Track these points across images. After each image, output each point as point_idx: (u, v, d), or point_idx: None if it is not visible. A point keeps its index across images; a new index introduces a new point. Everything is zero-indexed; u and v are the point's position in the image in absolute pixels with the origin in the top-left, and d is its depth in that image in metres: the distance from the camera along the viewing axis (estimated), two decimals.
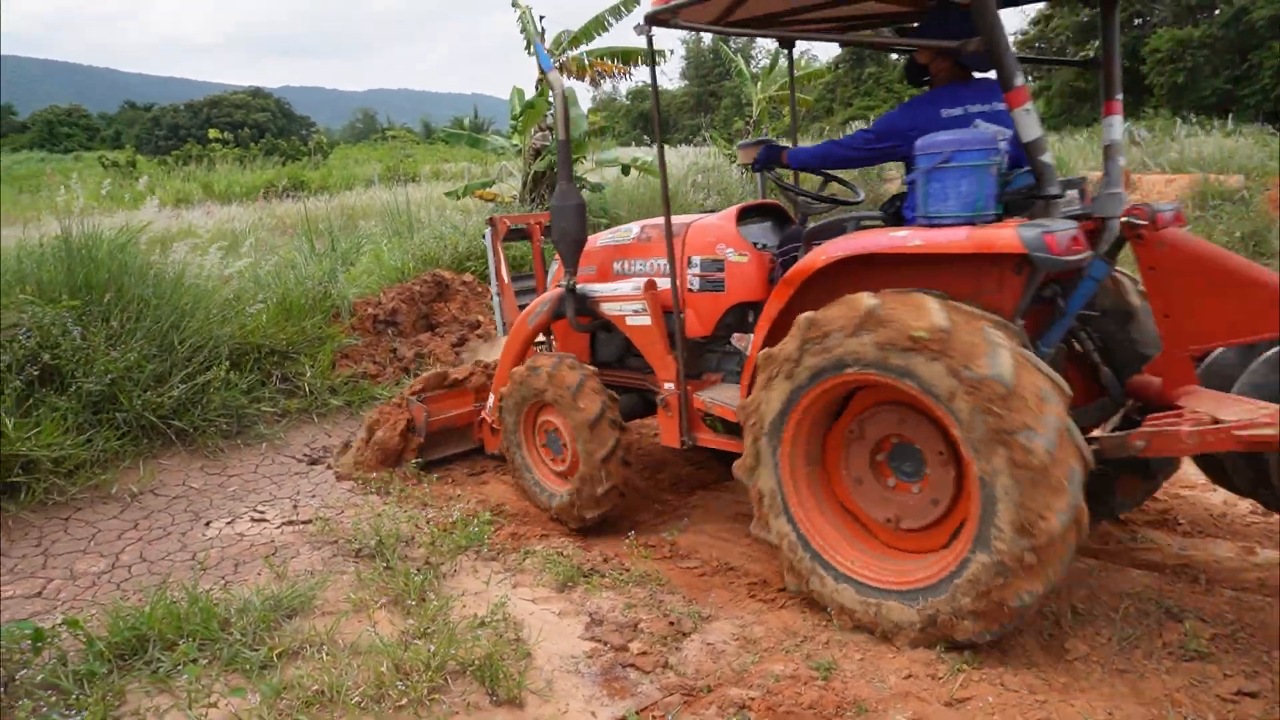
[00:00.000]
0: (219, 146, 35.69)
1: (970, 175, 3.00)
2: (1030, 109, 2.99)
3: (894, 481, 3.32)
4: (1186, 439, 2.84)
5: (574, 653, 3.22)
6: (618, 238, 4.62)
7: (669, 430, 4.19)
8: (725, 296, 4.04)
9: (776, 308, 3.46)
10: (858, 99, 42.67)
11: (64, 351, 5.08)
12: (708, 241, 4.12)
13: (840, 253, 3.20)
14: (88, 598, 3.78)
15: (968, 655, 3.08)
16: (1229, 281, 2.96)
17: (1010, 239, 2.83)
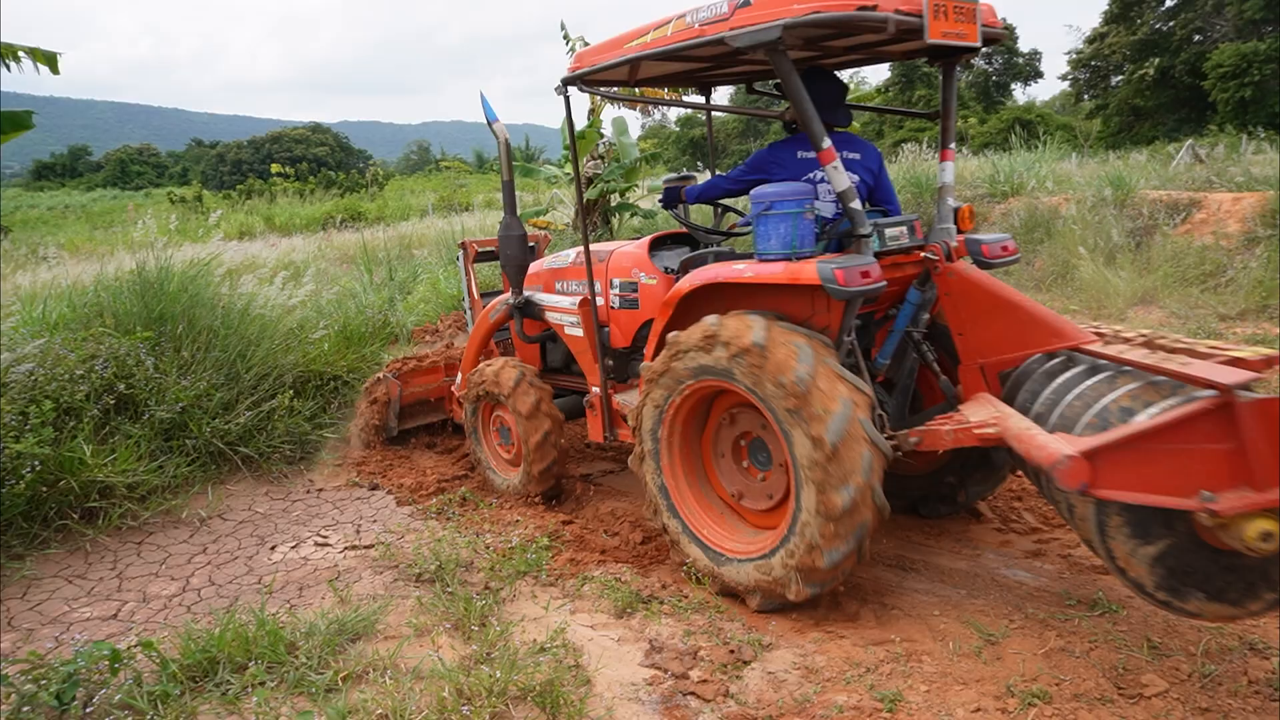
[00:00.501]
0: (280, 180, 36.84)
1: (787, 220, 3.58)
2: (837, 166, 3.51)
3: (747, 464, 3.96)
4: (945, 436, 3.43)
5: (634, 680, 3.21)
6: (557, 262, 5.25)
7: (594, 427, 4.84)
8: (640, 313, 4.63)
9: (661, 324, 4.09)
10: (908, 121, 42.35)
11: (138, 381, 5.28)
12: (625, 266, 4.73)
13: (699, 281, 3.82)
14: (160, 620, 3.88)
15: (1038, 688, 2.99)
16: (999, 307, 3.60)
17: (810, 273, 3.39)
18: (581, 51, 4.27)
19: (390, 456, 5.98)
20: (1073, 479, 2.61)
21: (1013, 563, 4.11)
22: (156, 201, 40.77)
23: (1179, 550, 2.74)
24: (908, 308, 3.90)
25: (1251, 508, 2.52)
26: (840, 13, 3.20)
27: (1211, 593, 2.75)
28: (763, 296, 3.70)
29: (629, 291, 4.70)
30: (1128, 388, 2.90)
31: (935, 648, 3.36)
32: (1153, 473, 2.62)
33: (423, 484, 5.42)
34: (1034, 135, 20.77)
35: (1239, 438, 2.53)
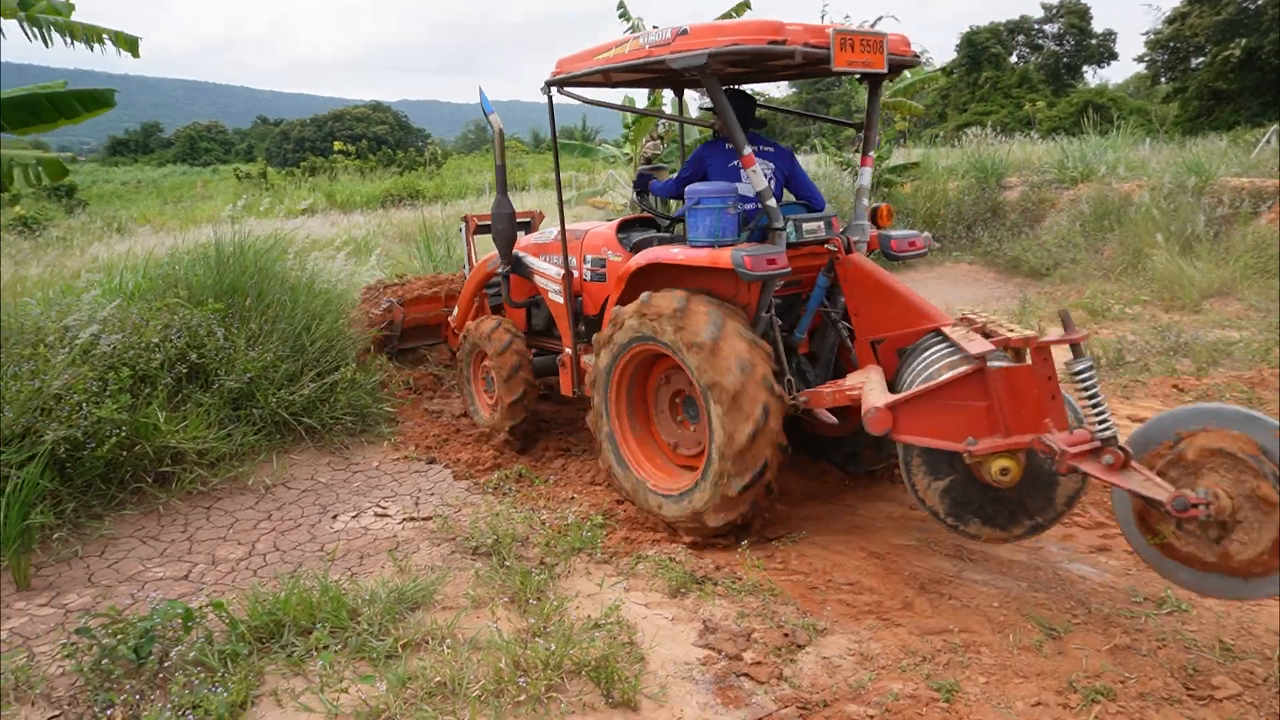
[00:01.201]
0: (341, 158, 37.45)
1: (711, 214, 4.23)
2: (756, 170, 4.14)
3: (681, 418, 4.63)
4: (826, 396, 4.13)
5: (687, 659, 3.22)
6: (542, 238, 5.86)
7: (565, 382, 5.46)
8: (607, 286, 5.13)
9: (615, 295, 4.75)
10: (973, 104, 41.27)
11: (209, 351, 5.43)
12: (597, 245, 5.29)
13: (641, 262, 4.52)
14: (228, 582, 4.02)
15: (1102, 685, 2.93)
16: (883, 294, 4.19)
17: (725, 258, 4.02)
18: (562, 59, 4.89)
19: (446, 431, 6.08)
20: (878, 425, 3.50)
21: (1076, 557, 4.02)
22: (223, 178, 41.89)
23: (961, 485, 3.51)
24: (817, 291, 4.47)
25: (996, 449, 3.26)
26: (755, 45, 3.85)
27: (985, 519, 3.52)
28: (697, 277, 4.31)
29: (599, 267, 5.25)
30: (947, 359, 3.60)
31: (994, 639, 3.31)
32: (936, 422, 3.41)
33: (479, 459, 5.49)
34: (1106, 119, 20.09)
35: (990, 396, 3.27)
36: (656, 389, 4.72)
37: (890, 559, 4.06)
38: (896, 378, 4.06)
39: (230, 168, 46.41)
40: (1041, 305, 9.55)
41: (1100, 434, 3.13)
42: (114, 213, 23.27)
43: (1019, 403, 3.24)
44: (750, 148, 4.18)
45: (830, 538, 4.32)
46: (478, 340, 5.85)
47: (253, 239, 6.46)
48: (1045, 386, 3.22)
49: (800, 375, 4.55)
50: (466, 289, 6.50)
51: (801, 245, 4.32)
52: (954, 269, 12.67)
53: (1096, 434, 3.14)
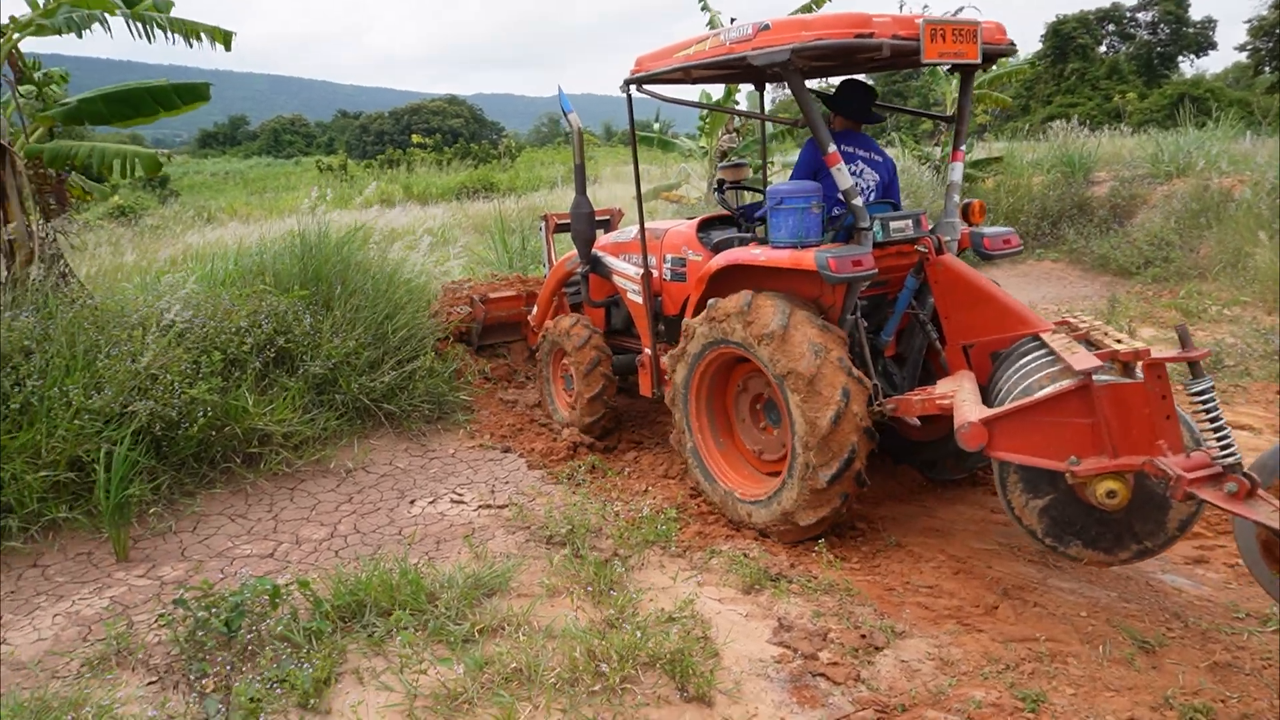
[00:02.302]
0: (419, 151, 38.20)
1: (794, 214, 4.12)
2: (840, 168, 4.00)
3: (764, 424, 4.56)
4: (915, 404, 3.97)
5: (762, 656, 3.19)
6: (622, 237, 5.74)
7: (644, 383, 5.38)
8: (687, 286, 5.06)
9: (695, 297, 4.69)
10: (1059, 96, 39.84)
11: (296, 337, 5.60)
12: (677, 243, 5.24)
13: (721, 263, 4.46)
14: (311, 561, 4.14)
15: (1201, 704, 2.80)
16: (977, 297, 4.04)
17: (808, 260, 3.90)
18: (641, 57, 4.81)
19: (521, 420, 6.15)
20: (972, 441, 3.32)
21: (1170, 568, 3.85)
22: (305, 169, 43.14)
23: (1061, 504, 3.31)
24: (905, 292, 4.34)
25: (1102, 470, 3.07)
26: (842, 40, 3.73)
27: (1087, 541, 3.31)
28: (779, 279, 4.21)
29: (679, 266, 5.20)
30: (1047, 370, 3.42)
31: (1083, 650, 3.19)
32: (1035, 440, 3.23)
33: (553, 449, 5.54)
34: (1203, 111, 19.15)
35: (1096, 414, 3.07)
36: (736, 397, 4.65)
37: (971, 563, 3.95)
38: (990, 384, 3.91)
39: (312, 159, 47.76)
40: (1131, 305, 9.16)
41: (1222, 459, 2.93)
42: (204, 202, 24.23)
43: (1129, 422, 3.04)
44: (840, 147, 4.05)
45: (908, 539, 4.23)
46: (557, 338, 5.87)
47: (334, 229, 6.64)
48: (1159, 405, 3.00)
49: (886, 378, 4.41)
50: (545, 288, 6.51)
51: (889, 245, 4.16)
52: (1037, 266, 12.26)
53: (1217, 459, 2.93)
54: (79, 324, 5.07)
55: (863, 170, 4.52)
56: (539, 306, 6.61)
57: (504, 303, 7.01)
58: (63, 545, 4.26)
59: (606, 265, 5.73)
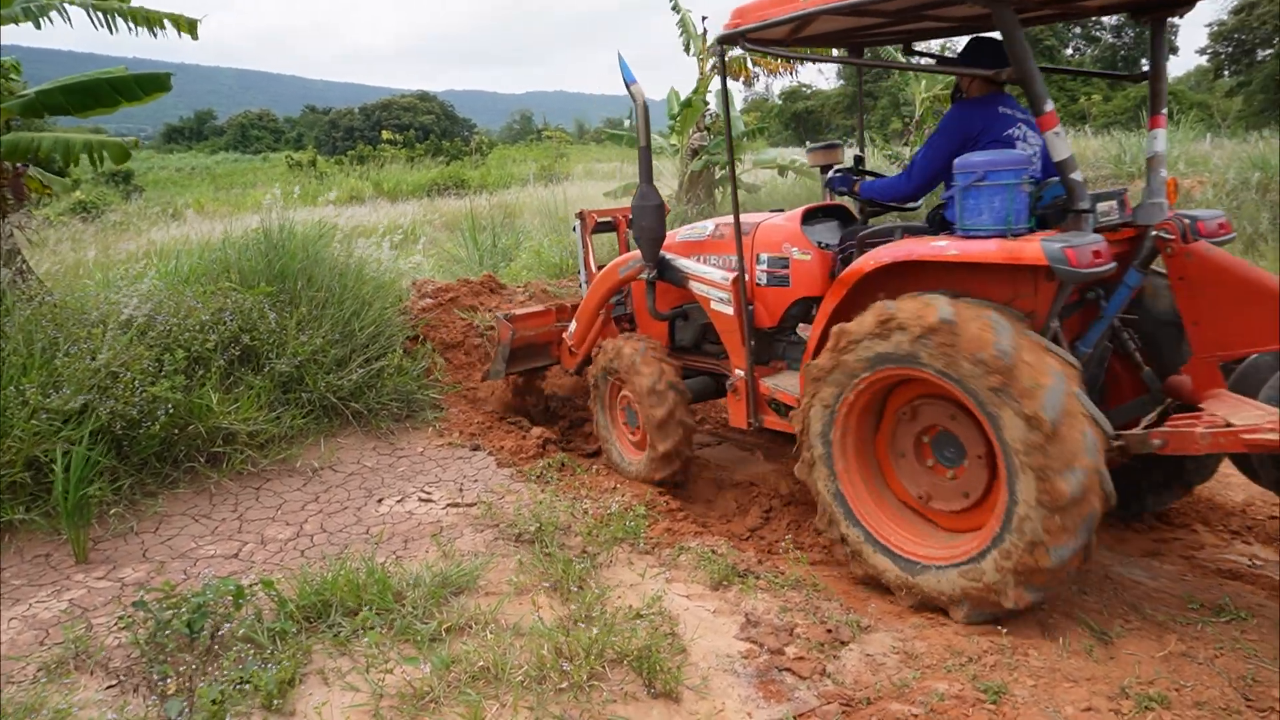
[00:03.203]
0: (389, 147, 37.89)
1: (1003, 193, 3.27)
2: (1059, 131, 3.21)
3: (932, 462, 3.63)
4: (1200, 440, 3.08)
5: (729, 652, 3.21)
6: (694, 234, 5.00)
7: (737, 412, 4.58)
8: (790, 291, 4.39)
9: (832, 304, 3.81)
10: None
11: (261, 334, 5.54)
12: (774, 240, 4.47)
13: (886, 258, 3.53)
14: (277, 561, 4.09)
15: (1155, 692, 2.86)
16: (1249, 294, 3.19)
17: (1035, 252, 3.10)
18: (742, 6, 3.94)
19: (490, 419, 6.12)
20: None
21: (1128, 561, 3.93)
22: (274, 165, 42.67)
23: None
24: (1124, 291, 3.50)
25: None
26: None
27: None
28: (954, 277, 3.40)
29: (778, 268, 4.42)
30: None
31: (1043, 642, 3.24)
32: None
33: (523, 447, 5.52)
34: None
35: None
36: (894, 426, 3.74)
37: None
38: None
39: (281, 155, 47.26)
40: None
41: None
42: (169, 198, 23.86)
43: None
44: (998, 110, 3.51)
45: None
46: (617, 367, 4.97)
47: (300, 225, 6.56)
48: None
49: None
50: (589, 300, 5.58)
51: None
52: None
53: None
54: (36, 321, 4.98)
55: (1025, 135, 3.74)
56: (579, 322, 5.69)
57: (534, 320, 5.96)
58: (19, 548, 4.18)
59: (679, 270, 4.81)
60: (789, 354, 4.61)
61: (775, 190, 11.88)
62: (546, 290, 7.72)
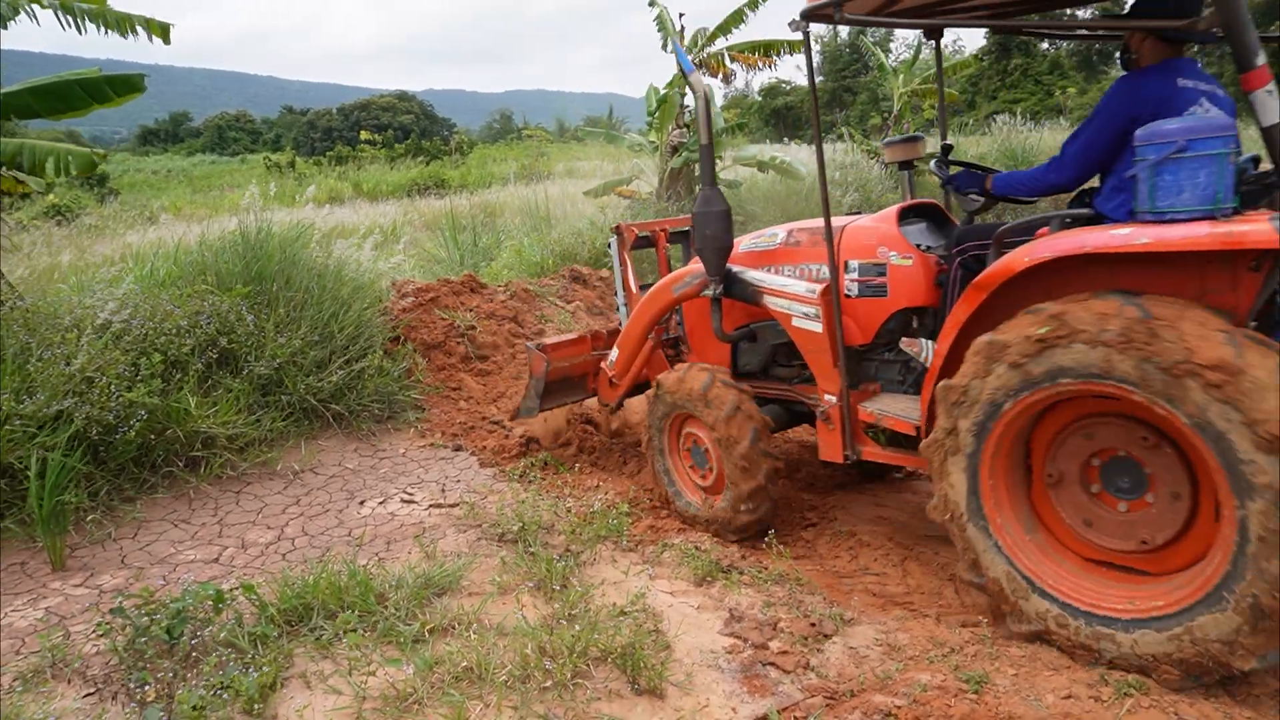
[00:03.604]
0: (368, 148, 37.67)
1: (1208, 165, 2.74)
2: (1272, 90, 2.70)
3: (1097, 489, 3.12)
4: None
5: (713, 648, 3.21)
6: (761, 243, 4.44)
7: (830, 444, 4.01)
8: (887, 302, 3.88)
9: (965, 313, 3.25)
10: (1002, 91, 40.74)
11: (239, 337, 5.49)
12: (867, 244, 3.95)
13: (1049, 253, 2.98)
14: (258, 565, 4.06)
15: (1134, 679, 2.88)
16: None
17: (1266, 234, 2.57)
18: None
19: (472, 419, 6.10)
20: None
21: None
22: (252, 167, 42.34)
23: None
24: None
25: None
26: None
27: None
28: (1123, 273, 2.94)
29: (873, 275, 3.91)
30: None
31: None
32: None
33: (505, 447, 5.51)
34: None
35: None
36: (1051, 451, 3.21)
37: (918, 550, 4.02)
38: None
39: (259, 157, 46.89)
40: None
41: None
42: (145, 201, 23.61)
43: None
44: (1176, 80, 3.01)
45: (858, 528, 4.30)
46: (683, 401, 4.31)
47: (277, 227, 6.51)
48: None
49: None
50: (634, 324, 4.91)
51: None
52: None
53: None
54: (8, 326, 4.91)
55: (1209, 110, 3.18)
56: (622, 350, 5.05)
57: (568, 349, 5.29)
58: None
59: (750, 283, 4.22)
60: (882, 374, 4.12)
61: (755, 187, 11.91)
62: (528, 289, 7.71)
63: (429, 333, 6.69)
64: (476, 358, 6.81)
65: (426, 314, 6.85)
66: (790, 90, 51.34)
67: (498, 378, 6.56)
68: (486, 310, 7.16)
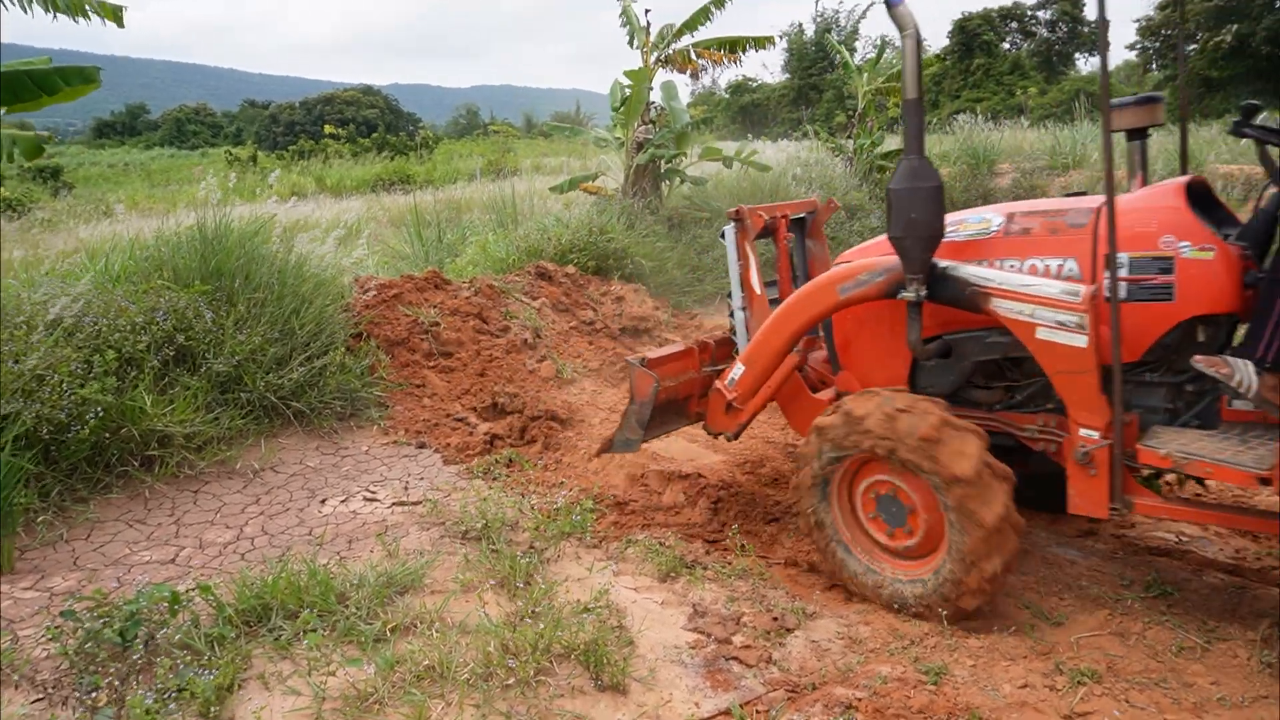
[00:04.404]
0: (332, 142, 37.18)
1: None
2: None
3: None
4: None
5: (677, 643, 3.22)
6: (969, 231, 3.56)
7: (1086, 493, 3.15)
8: (1174, 308, 3.11)
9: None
10: (965, 91, 41.29)
11: (196, 334, 5.38)
12: (1144, 232, 3.15)
13: None
14: (216, 566, 3.99)
15: (1087, 668, 2.94)
16: None
17: None
18: None
19: (436, 415, 6.05)
20: None
21: (1064, 541, 4.04)
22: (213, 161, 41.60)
23: None
24: None
25: None
26: None
27: None
28: None
29: (1153, 273, 3.14)
30: None
31: (981, 623, 3.32)
32: None
33: (469, 444, 5.47)
34: (1098, 106, 20.11)
35: None
36: None
37: None
38: None
39: (220, 151, 46.09)
40: None
41: None
42: (101, 195, 23.09)
43: None
44: None
45: None
46: (892, 442, 3.27)
47: (238, 221, 6.40)
48: None
49: None
50: (773, 334, 3.93)
51: None
52: None
53: None
54: None
55: None
56: (751, 366, 4.04)
57: (674, 364, 4.36)
58: None
59: (968, 283, 3.31)
60: (1142, 400, 3.33)
61: (721, 184, 11.94)
62: (493, 286, 7.65)
63: (392, 329, 6.62)
64: (440, 354, 6.75)
65: (390, 310, 6.78)
66: (757, 88, 51.56)
67: (462, 374, 6.51)
68: (451, 307, 7.10)
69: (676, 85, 12.08)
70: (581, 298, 8.09)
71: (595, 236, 8.79)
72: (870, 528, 3.57)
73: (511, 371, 6.59)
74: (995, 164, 14.63)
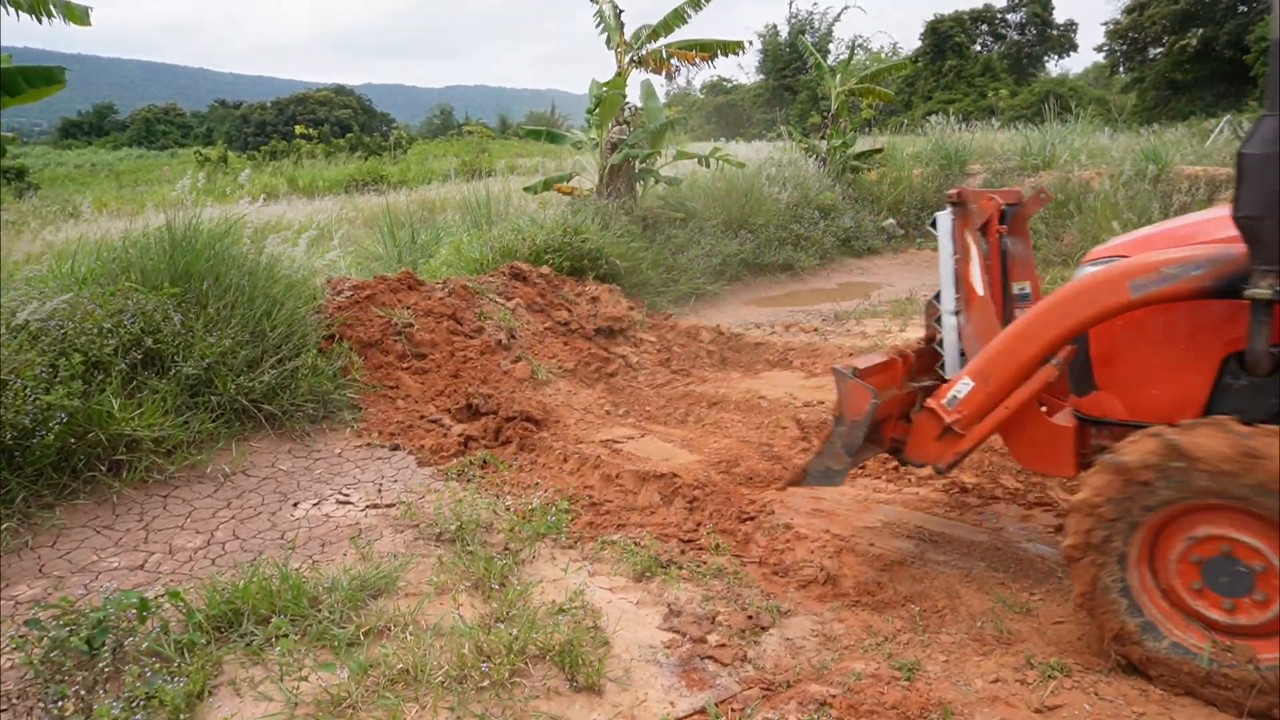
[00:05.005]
0: (304, 142, 36.83)
1: None
2: None
3: None
4: None
5: (652, 643, 3.23)
6: None
7: None
8: None
9: None
10: (938, 92, 41.68)
11: (165, 337, 5.31)
12: None
13: None
14: (186, 571, 3.94)
15: (1056, 661, 2.98)
16: None
17: None
18: None
19: (410, 417, 6.01)
20: None
21: (1035, 537, 4.09)
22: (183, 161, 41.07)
23: None
24: None
25: None
26: None
27: None
28: None
29: None
30: None
31: (954, 619, 3.36)
32: None
33: (443, 445, 5.44)
34: (1066, 108, 20.40)
35: None
36: None
37: (854, 541, 4.09)
38: None
39: (190, 151, 45.49)
40: None
41: None
42: (68, 196, 22.70)
43: None
44: None
45: (795, 520, 4.35)
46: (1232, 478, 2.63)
47: (207, 222, 6.32)
48: None
49: None
50: (1021, 341, 3.26)
51: None
52: (918, 255, 12.81)
53: None
54: None
55: None
56: (989, 381, 3.36)
57: (880, 376, 3.71)
58: None
59: None
60: None
61: (696, 184, 11.98)
62: (467, 287, 7.62)
63: (365, 331, 6.57)
64: (414, 356, 6.71)
65: (363, 312, 6.73)
66: (732, 89, 51.75)
67: (436, 376, 6.47)
68: (424, 308, 7.06)
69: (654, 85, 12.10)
70: (556, 298, 8.07)
71: (570, 237, 8.78)
72: (1192, 600, 2.82)
73: (486, 372, 6.56)
74: (967, 164, 14.80)
